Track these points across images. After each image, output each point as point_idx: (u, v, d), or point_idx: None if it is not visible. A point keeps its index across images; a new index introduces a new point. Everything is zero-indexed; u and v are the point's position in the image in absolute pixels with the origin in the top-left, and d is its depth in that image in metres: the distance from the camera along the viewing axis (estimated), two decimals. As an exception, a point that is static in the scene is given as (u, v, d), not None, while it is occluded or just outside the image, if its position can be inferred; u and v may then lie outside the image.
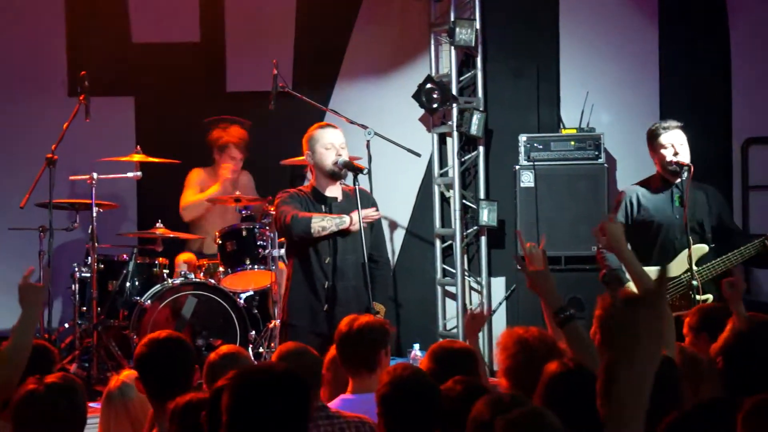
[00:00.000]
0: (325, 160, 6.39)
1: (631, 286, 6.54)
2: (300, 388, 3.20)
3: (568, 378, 3.48)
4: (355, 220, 6.27)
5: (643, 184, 7.15)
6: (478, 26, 8.75)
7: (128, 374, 4.79)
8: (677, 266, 6.74)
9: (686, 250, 6.72)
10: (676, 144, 6.97)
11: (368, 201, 6.55)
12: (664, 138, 6.99)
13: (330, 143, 6.39)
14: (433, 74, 8.90)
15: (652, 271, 6.65)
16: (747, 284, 8.63)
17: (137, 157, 8.14)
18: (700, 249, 6.84)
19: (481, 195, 8.88)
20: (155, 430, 4.17)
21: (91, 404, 4.92)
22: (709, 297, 6.57)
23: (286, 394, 3.15)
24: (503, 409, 3.16)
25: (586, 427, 3.19)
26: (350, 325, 4.73)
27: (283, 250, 7.72)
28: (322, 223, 6.26)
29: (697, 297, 6.62)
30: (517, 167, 8.48)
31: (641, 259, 6.77)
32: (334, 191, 6.47)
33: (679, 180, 6.92)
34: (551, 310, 4.30)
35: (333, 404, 4.51)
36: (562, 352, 4.09)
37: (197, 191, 8.61)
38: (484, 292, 8.91)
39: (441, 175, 9.04)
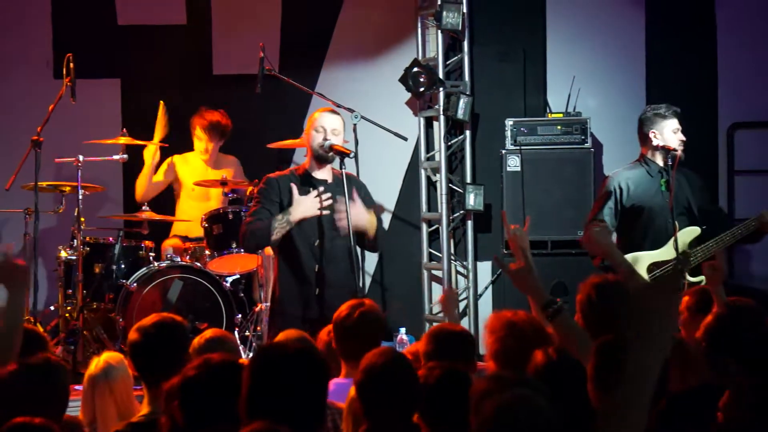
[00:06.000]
0: (313, 142, 6.39)
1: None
2: (319, 365, 3.25)
3: (552, 369, 3.48)
4: (298, 212, 6.21)
5: (629, 168, 7.14)
6: (464, 10, 8.72)
7: (109, 356, 4.78)
8: (671, 250, 6.72)
9: (681, 231, 6.71)
10: (678, 130, 7.03)
11: (358, 185, 6.54)
12: (674, 122, 7.02)
13: (321, 126, 6.38)
14: (420, 58, 8.89)
15: (644, 256, 6.69)
16: (730, 268, 8.72)
17: (123, 140, 8.11)
18: (693, 231, 6.84)
19: (468, 179, 8.88)
20: (144, 410, 4.17)
21: (76, 387, 4.92)
22: (702, 279, 6.57)
23: (305, 371, 3.19)
24: (507, 387, 3.18)
25: (571, 415, 3.21)
26: (350, 315, 4.70)
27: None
28: (276, 228, 6.23)
29: (691, 279, 6.63)
30: (504, 151, 8.48)
31: (634, 245, 6.81)
32: (323, 174, 6.46)
33: (663, 164, 6.94)
34: (538, 307, 4.31)
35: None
36: (551, 337, 4.10)
37: (151, 177, 8.54)
38: (470, 276, 8.92)
39: (427, 158, 9.04)
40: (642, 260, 6.65)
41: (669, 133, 7.02)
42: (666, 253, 6.72)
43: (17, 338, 4.24)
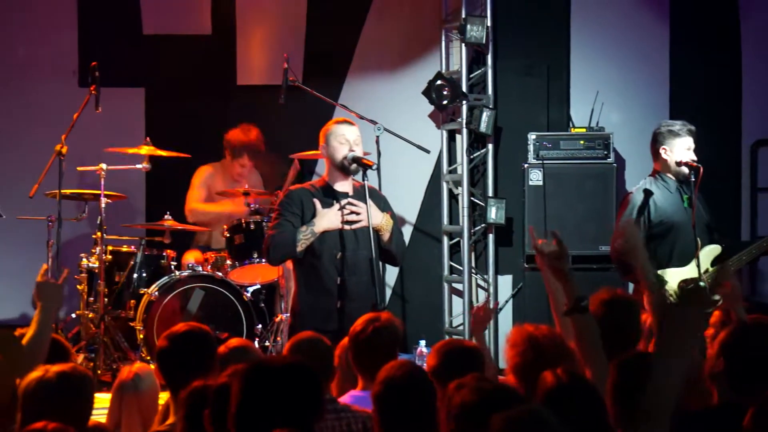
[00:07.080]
0: (337, 154, 6.35)
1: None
2: (308, 380, 3.23)
3: (562, 392, 3.46)
4: (323, 224, 6.24)
5: (648, 183, 7.07)
6: (489, 23, 8.74)
7: (139, 366, 4.82)
8: (695, 268, 6.65)
9: (703, 249, 6.66)
10: (691, 149, 6.96)
11: (377, 197, 6.53)
12: (687, 140, 6.94)
13: (344, 138, 6.37)
14: (444, 71, 8.89)
15: (673, 273, 6.64)
16: (752, 286, 8.68)
17: (146, 149, 8.14)
18: (715, 249, 6.77)
19: (490, 192, 8.88)
20: (170, 420, 4.18)
21: (96, 395, 4.94)
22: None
23: (295, 386, 3.17)
24: (489, 398, 3.17)
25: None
26: (365, 329, 4.69)
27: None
28: (301, 240, 6.24)
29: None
30: (526, 165, 8.48)
31: (662, 262, 6.75)
32: (345, 186, 6.43)
33: (680, 180, 6.89)
34: (572, 295, 4.26)
35: (342, 400, 4.50)
36: (571, 352, 4.08)
37: (203, 193, 8.59)
38: (491, 289, 8.91)
39: (450, 171, 9.04)
40: (671, 277, 6.60)
41: (681, 150, 6.93)
42: (694, 270, 6.65)
43: (43, 352, 4.38)
